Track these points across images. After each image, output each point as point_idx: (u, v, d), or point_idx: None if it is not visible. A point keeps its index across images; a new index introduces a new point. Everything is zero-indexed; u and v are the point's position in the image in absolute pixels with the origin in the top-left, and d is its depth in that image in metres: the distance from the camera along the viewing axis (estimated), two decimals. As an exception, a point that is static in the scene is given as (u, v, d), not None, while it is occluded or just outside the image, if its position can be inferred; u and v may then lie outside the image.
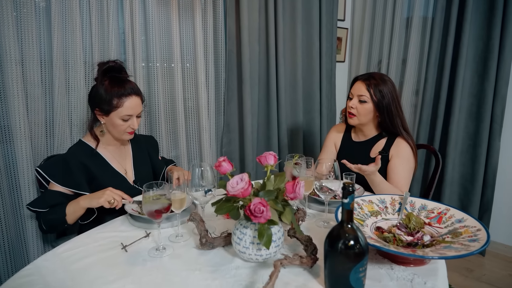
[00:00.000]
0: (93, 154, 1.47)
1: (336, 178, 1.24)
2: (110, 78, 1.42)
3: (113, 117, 1.42)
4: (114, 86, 1.40)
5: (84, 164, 1.42)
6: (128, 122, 1.44)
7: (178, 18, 2.03)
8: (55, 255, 1.09)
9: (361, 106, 1.68)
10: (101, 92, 1.40)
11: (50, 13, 1.64)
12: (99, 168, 1.46)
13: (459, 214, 1.12)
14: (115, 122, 1.43)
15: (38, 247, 1.68)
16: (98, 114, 1.45)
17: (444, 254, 0.90)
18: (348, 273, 0.86)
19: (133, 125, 1.45)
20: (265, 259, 1.01)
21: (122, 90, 1.40)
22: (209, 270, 1.00)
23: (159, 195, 1.07)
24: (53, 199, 1.36)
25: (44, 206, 1.36)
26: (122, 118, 1.42)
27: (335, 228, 0.90)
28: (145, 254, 1.09)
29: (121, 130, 1.45)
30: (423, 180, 2.89)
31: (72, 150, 1.47)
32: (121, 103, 1.40)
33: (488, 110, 2.54)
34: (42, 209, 1.36)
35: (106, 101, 1.39)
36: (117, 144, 1.56)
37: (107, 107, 1.40)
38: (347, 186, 0.86)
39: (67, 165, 1.40)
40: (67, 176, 1.39)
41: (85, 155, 1.45)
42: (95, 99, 1.43)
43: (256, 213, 0.89)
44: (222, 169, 1.04)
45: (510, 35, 2.39)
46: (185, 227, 1.28)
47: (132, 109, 1.43)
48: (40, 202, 1.37)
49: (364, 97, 1.66)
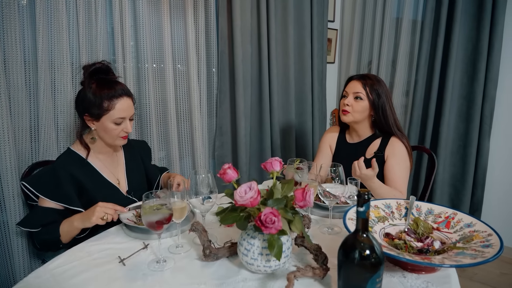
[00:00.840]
0: (83, 164, 1.37)
1: (341, 183, 1.21)
2: (98, 80, 1.34)
3: (105, 121, 1.33)
4: (103, 88, 1.32)
5: (74, 176, 1.32)
6: (121, 125, 1.36)
7: (169, 17, 1.96)
8: (47, 271, 1.02)
9: (357, 103, 1.67)
10: (89, 96, 1.31)
11: (34, 12, 1.55)
12: (90, 180, 1.36)
13: (467, 218, 1.10)
14: (107, 127, 1.34)
15: (24, 260, 1.58)
16: (88, 120, 1.35)
17: (460, 261, 0.87)
18: (365, 284, 0.82)
19: (127, 129, 1.37)
20: (274, 270, 0.97)
21: (112, 92, 1.32)
22: (215, 283, 0.95)
23: (160, 205, 1.01)
24: (44, 217, 1.26)
25: (36, 225, 1.26)
26: (115, 122, 1.34)
27: (349, 238, 0.86)
28: (145, 267, 1.03)
29: (114, 135, 1.36)
30: (414, 181, 2.90)
31: (61, 160, 1.36)
32: (112, 105, 1.32)
33: (478, 111, 2.57)
34: (34, 229, 1.26)
35: (96, 105, 1.31)
36: (109, 151, 1.47)
37: (97, 111, 1.32)
38: (363, 193, 0.82)
39: (56, 178, 1.29)
40: (57, 190, 1.28)
41: (75, 165, 1.35)
42: (83, 104, 1.34)
43: (267, 223, 0.84)
44: (227, 176, 0.99)
45: (498, 37, 2.43)
46: (185, 236, 1.22)
47: (124, 111, 1.35)
48: (31, 221, 1.27)
49: (360, 94, 1.66)
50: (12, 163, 1.49)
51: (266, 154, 2.50)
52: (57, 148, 1.72)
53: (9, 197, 1.49)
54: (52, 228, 1.23)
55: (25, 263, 1.59)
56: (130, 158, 1.56)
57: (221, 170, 1.00)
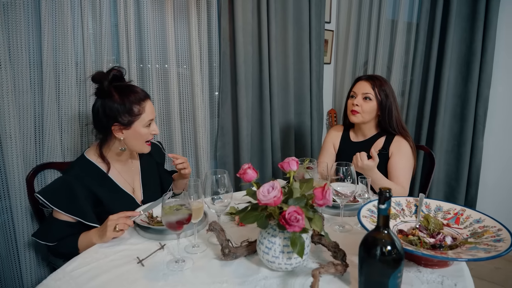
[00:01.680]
0: (103, 178, 1.34)
1: (353, 182, 1.23)
2: (117, 87, 1.30)
3: (137, 127, 1.31)
4: (129, 93, 1.29)
5: (90, 188, 1.29)
6: (150, 128, 1.35)
7: (173, 18, 1.96)
8: (66, 273, 1.01)
9: (366, 104, 1.71)
10: (115, 105, 1.27)
11: (39, 13, 1.54)
12: (107, 193, 1.33)
13: (476, 214, 1.14)
14: (139, 132, 1.32)
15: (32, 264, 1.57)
16: (117, 130, 1.31)
17: (476, 255, 0.91)
18: (387, 279, 0.85)
19: (155, 130, 1.36)
20: (294, 267, 0.99)
21: (138, 95, 1.30)
22: (237, 282, 0.96)
23: (179, 205, 1.02)
24: (60, 232, 1.24)
25: (52, 239, 1.24)
26: (146, 125, 1.33)
27: (369, 235, 0.89)
28: (164, 267, 1.04)
29: (145, 139, 1.35)
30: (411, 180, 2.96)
31: (76, 171, 1.31)
32: (142, 108, 1.31)
33: (472, 111, 2.64)
34: (50, 243, 1.24)
35: (127, 111, 1.28)
36: (126, 159, 1.44)
37: (128, 118, 1.29)
38: (384, 191, 0.85)
39: (71, 191, 1.25)
40: (72, 204, 1.24)
41: (91, 177, 1.31)
42: (109, 114, 1.28)
43: (292, 221, 0.86)
44: (247, 176, 1.01)
45: (491, 39, 2.50)
46: (199, 236, 1.23)
47: (152, 113, 1.35)
48: (47, 234, 1.24)
49: (369, 94, 1.70)
50: (19, 164, 1.48)
51: (266, 155, 2.52)
52: (61, 150, 1.70)
53: (15, 198, 1.48)
54: (69, 242, 1.21)
55: (32, 267, 1.58)
56: (146, 166, 1.53)
57: (241, 170, 1.02)
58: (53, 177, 1.66)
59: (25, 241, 1.55)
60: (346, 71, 3.24)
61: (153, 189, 1.54)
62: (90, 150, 1.39)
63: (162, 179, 1.62)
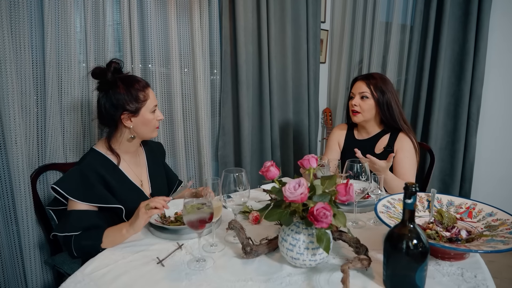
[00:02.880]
0: (114, 169, 1.34)
1: (367, 179, 1.25)
2: (120, 78, 1.32)
3: (144, 113, 1.34)
4: (132, 82, 1.32)
5: (103, 176, 1.29)
6: (155, 114, 1.38)
7: (175, 17, 1.94)
8: (85, 275, 0.99)
9: (364, 102, 1.74)
10: (122, 95, 1.29)
11: (42, 12, 1.51)
12: (118, 184, 1.33)
13: (487, 208, 1.17)
14: (147, 118, 1.35)
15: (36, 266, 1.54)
16: (126, 119, 1.33)
17: (496, 247, 0.93)
18: (414, 272, 0.86)
19: (160, 116, 1.40)
20: (318, 263, 0.99)
21: (141, 83, 1.34)
22: (262, 279, 0.96)
23: (200, 204, 1.01)
24: (85, 220, 1.21)
25: (77, 228, 1.20)
26: (151, 111, 1.36)
27: (395, 229, 0.90)
28: (185, 267, 1.03)
29: (153, 125, 1.38)
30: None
31: (88, 161, 1.30)
32: (147, 95, 1.34)
33: (465, 108, 2.71)
34: (75, 232, 1.19)
35: (134, 99, 1.31)
36: (134, 152, 1.45)
37: (135, 105, 1.32)
38: (410, 186, 0.86)
39: (86, 179, 1.25)
40: (89, 192, 1.24)
41: (103, 167, 1.31)
42: (117, 105, 1.30)
43: (320, 218, 0.86)
44: (270, 174, 1.01)
45: (484, 38, 2.58)
46: (216, 235, 1.22)
47: (155, 99, 1.39)
48: (70, 225, 1.20)
49: (366, 93, 1.74)
50: (24, 165, 1.45)
51: (266, 154, 2.52)
52: (63, 151, 1.67)
53: (19, 200, 1.44)
54: (94, 234, 1.18)
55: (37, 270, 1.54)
56: (152, 160, 1.54)
57: (263, 168, 1.02)
58: (56, 178, 1.62)
59: (29, 243, 1.51)
60: (341, 70, 3.27)
61: (160, 183, 1.54)
62: (98, 144, 1.39)
63: (168, 176, 1.62)
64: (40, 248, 1.57)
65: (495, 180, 2.80)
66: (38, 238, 1.55)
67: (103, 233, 1.17)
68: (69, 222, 1.20)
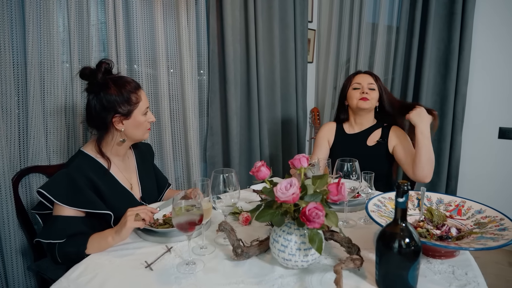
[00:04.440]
0: (104, 173, 1.30)
1: (358, 178, 1.24)
2: (111, 80, 1.28)
3: (136, 115, 1.30)
4: (124, 84, 1.27)
5: (92, 180, 1.24)
6: (146, 116, 1.35)
7: (162, 15, 1.91)
8: (70, 281, 0.96)
9: (371, 92, 1.82)
10: (113, 97, 1.25)
11: (23, 11, 1.46)
12: (108, 187, 1.29)
13: (476, 205, 1.18)
14: (139, 120, 1.31)
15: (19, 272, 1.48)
16: (118, 121, 1.28)
17: (487, 244, 0.94)
18: (406, 271, 0.86)
19: (152, 118, 1.36)
20: (310, 264, 0.98)
21: (132, 84, 1.30)
22: (253, 282, 0.94)
23: (190, 206, 0.99)
24: (70, 227, 1.16)
25: (62, 235, 1.15)
26: (144, 113, 1.32)
27: (387, 228, 0.90)
28: (175, 271, 1.00)
29: (144, 128, 1.34)
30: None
31: (76, 164, 1.25)
32: (139, 96, 1.30)
33: (450, 107, 2.74)
34: (59, 240, 1.15)
35: (125, 101, 1.27)
36: (124, 154, 1.41)
37: (127, 107, 1.27)
38: (402, 185, 0.86)
39: (74, 183, 1.20)
40: (77, 196, 1.19)
41: (91, 170, 1.26)
42: (108, 107, 1.25)
43: (313, 218, 0.85)
44: (261, 174, 0.99)
45: (468, 38, 2.61)
46: (205, 237, 1.20)
47: (147, 101, 1.36)
48: (55, 232, 1.15)
49: (373, 85, 1.83)
50: (5, 168, 1.40)
51: (255, 154, 2.51)
52: (47, 153, 1.62)
53: (1, 203, 1.39)
54: (80, 241, 1.13)
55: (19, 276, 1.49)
56: (142, 162, 1.50)
57: (254, 168, 1.00)
58: (39, 181, 1.58)
59: (11, 248, 1.46)
60: (328, 70, 3.28)
61: (150, 187, 1.50)
62: (87, 146, 1.34)
63: (158, 179, 1.58)
64: (23, 253, 1.52)
65: (480, 178, 2.84)
66: (21, 243, 1.50)
67: (88, 240, 1.13)
68: (54, 229, 1.15)
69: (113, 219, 1.25)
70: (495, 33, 2.66)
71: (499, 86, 2.70)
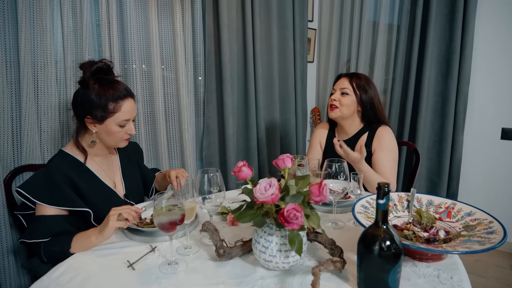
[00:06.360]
0: (81, 169, 1.29)
1: (346, 179, 1.23)
2: (100, 80, 1.26)
3: (109, 124, 1.27)
4: (108, 89, 1.25)
5: (71, 179, 1.24)
6: (125, 127, 1.30)
7: (156, 15, 1.91)
8: (52, 280, 0.96)
9: (343, 98, 1.74)
10: (92, 97, 1.23)
11: (16, 9, 1.47)
12: (88, 184, 1.29)
13: (467, 207, 1.15)
14: (111, 130, 1.27)
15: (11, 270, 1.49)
16: (90, 122, 1.27)
17: (472, 248, 0.91)
18: (387, 275, 0.84)
19: (131, 131, 1.32)
20: (291, 266, 0.97)
21: (117, 93, 1.25)
22: (233, 282, 0.93)
23: (172, 206, 0.98)
24: (54, 226, 1.17)
25: (46, 235, 1.15)
26: (120, 124, 1.28)
27: (369, 230, 0.88)
28: (156, 270, 1.00)
29: (118, 137, 1.30)
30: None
31: (55, 163, 1.26)
32: (118, 107, 1.26)
33: (452, 107, 2.70)
34: (44, 239, 1.15)
35: (101, 107, 1.24)
36: (105, 153, 1.41)
37: (101, 113, 1.24)
38: (383, 186, 0.84)
39: (53, 182, 1.20)
40: (56, 195, 1.19)
41: (71, 169, 1.26)
42: (84, 105, 1.25)
43: (291, 219, 0.84)
44: (243, 174, 0.98)
45: (470, 37, 2.57)
46: (191, 237, 1.19)
47: (129, 113, 1.29)
48: (39, 231, 1.15)
49: (346, 89, 1.74)
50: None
51: (252, 153, 2.50)
52: (41, 152, 1.63)
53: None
54: (64, 240, 1.13)
55: (12, 274, 1.50)
56: (126, 161, 1.50)
57: (235, 168, 0.99)
58: (33, 180, 1.59)
59: (3, 247, 1.46)
60: (329, 69, 3.26)
61: (135, 185, 1.50)
62: (67, 145, 1.35)
63: (144, 176, 1.58)
64: (16, 252, 1.53)
65: (482, 179, 2.80)
66: (14, 241, 1.51)
67: (72, 239, 1.13)
68: (37, 228, 1.16)
69: (96, 218, 1.25)
70: (497, 32, 2.61)
71: (501, 85, 2.65)
